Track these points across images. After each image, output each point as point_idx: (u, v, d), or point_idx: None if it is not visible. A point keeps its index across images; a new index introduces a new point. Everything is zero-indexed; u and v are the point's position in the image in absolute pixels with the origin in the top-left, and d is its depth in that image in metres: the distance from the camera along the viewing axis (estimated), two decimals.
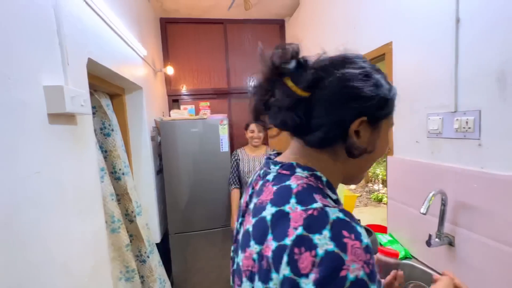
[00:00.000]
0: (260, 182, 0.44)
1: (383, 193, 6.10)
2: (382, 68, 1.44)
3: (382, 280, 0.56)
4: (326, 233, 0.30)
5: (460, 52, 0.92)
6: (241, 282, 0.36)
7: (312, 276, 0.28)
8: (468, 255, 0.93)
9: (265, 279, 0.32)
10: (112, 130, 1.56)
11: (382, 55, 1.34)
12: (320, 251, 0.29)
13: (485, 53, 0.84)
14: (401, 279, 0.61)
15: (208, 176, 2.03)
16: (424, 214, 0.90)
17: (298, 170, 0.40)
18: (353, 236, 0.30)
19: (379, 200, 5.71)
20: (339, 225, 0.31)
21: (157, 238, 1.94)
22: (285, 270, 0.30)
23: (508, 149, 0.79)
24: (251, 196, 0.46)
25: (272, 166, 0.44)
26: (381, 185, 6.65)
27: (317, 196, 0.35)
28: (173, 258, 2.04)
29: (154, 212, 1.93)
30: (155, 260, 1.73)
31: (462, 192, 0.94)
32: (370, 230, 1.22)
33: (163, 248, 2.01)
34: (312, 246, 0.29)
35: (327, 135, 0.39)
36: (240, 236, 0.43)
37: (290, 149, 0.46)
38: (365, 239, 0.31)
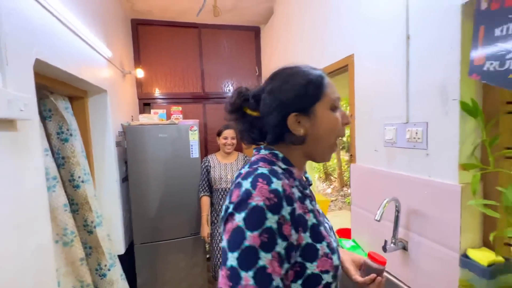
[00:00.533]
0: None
1: None
2: (345, 79, 1.51)
3: (359, 278, 0.61)
4: (250, 179, 0.46)
5: (411, 67, 0.98)
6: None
7: (232, 202, 0.46)
8: (419, 259, 0.98)
9: None
10: (71, 135, 1.46)
11: (345, 66, 1.39)
12: (242, 189, 0.46)
13: (431, 69, 0.90)
14: (380, 286, 0.62)
15: (177, 183, 1.97)
16: (378, 221, 0.94)
17: (262, 150, 0.58)
18: (265, 182, 0.45)
19: None
20: (259, 176, 0.47)
21: (121, 250, 1.84)
22: (226, 201, 0.48)
23: (449, 159, 0.85)
24: None
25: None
26: None
27: (261, 163, 0.52)
28: (138, 270, 1.94)
29: (118, 222, 1.82)
30: (117, 273, 1.63)
31: (413, 199, 0.99)
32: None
33: (128, 260, 1.91)
34: (240, 186, 0.46)
35: (274, 136, 0.55)
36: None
37: (266, 146, 0.61)
38: (275, 186, 0.45)
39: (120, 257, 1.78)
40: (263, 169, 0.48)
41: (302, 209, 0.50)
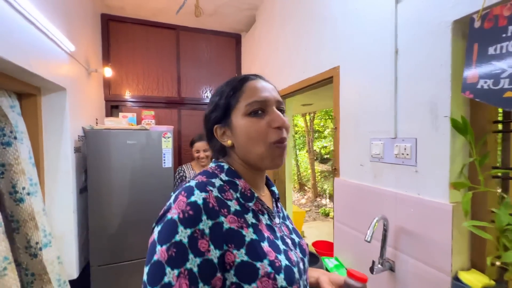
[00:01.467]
0: None
1: (330, 207, 6.46)
2: (329, 90, 1.48)
3: None
4: (176, 193, 0.46)
5: (399, 81, 0.97)
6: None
7: (158, 217, 0.45)
8: (407, 281, 0.93)
9: None
10: (15, 138, 1.23)
11: (330, 77, 1.36)
12: (167, 203, 0.46)
13: (420, 84, 0.89)
14: None
15: (146, 195, 1.76)
16: (369, 241, 0.88)
17: (211, 164, 0.58)
18: (185, 195, 0.44)
19: (326, 215, 6.02)
20: (184, 189, 0.46)
21: (74, 273, 1.57)
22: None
23: (438, 176, 0.83)
24: None
25: None
26: (328, 200, 7.05)
27: (199, 176, 0.51)
28: None
29: (71, 240, 1.57)
30: None
31: (401, 217, 0.95)
32: (317, 256, 1.17)
33: (82, 285, 1.64)
34: (168, 200, 0.46)
35: (214, 148, 0.58)
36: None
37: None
38: (195, 198, 0.43)
39: (72, 282, 1.52)
40: (192, 182, 0.48)
41: (236, 223, 0.46)
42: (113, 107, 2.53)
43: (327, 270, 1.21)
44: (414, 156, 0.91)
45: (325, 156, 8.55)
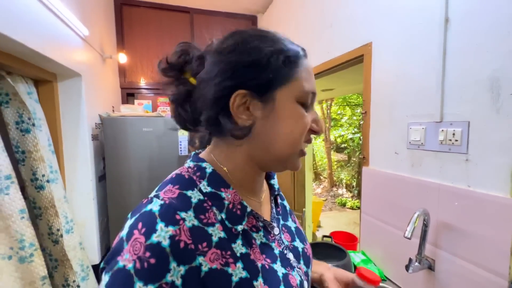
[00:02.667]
0: None
1: (347, 197, 6.33)
2: (359, 71, 1.35)
3: None
4: (131, 220, 0.32)
5: (448, 56, 0.83)
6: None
7: (109, 253, 0.32)
8: (449, 281, 0.84)
9: None
10: (33, 125, 1.22)
11: (360, 56, 1.23)
12: (121, 234, 0.32)
13: (476, 58, 0.75)
14: None
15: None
16: (409, 238, 0.78)
17: (188, 160, 0.42)
18: (144, 230, 0.30)
19: (343, 205, 5.90)
20: (143, 216, 0.32)
21: (96, 259, 1.60)
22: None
23: (499, 166, 0.71)
24: None
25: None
26: (344, 190, 6.90)
27: (169, 186, 0.36)
28: None
29: (92, 227, 1.58)
30: (89, 287, 1.41)
31: (445, 211, 0.84)
32: (345, 250, 1.09)
33: None
34: (123, 228, 0.32)
35: (208, 120, 0.38)
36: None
37: (214, 140, 0.44)
38: (157, 239, 0.30)
39: (95, 267, 1.55)
40: (156, 203, 0.33)
41: (220, 260, 0.33)
42: (129, 94, 2.51)
43: (354, 266, 1.13)
44: (466, 142, 0.78)
45: (342, 145, 8.32)
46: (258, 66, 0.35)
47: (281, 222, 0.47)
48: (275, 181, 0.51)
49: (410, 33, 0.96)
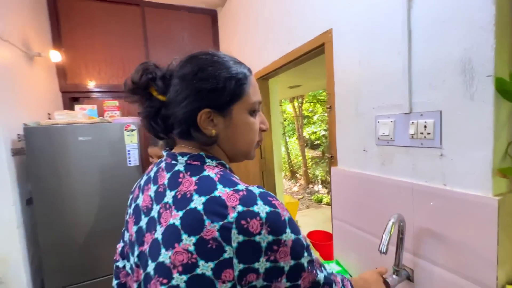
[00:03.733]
0: (167, 175, 0.47)
1: (323, 193, 6.38)
2: (321, 61, 1.24)
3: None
4: (260, 203, 0.40)
5: (414, 37, 0.73)
6: (170, 278, 0.37)
7: (264, 231, 0.38)
8: None
9: (217, 256, 0.36)
10: None
11: (321, 46, 1.11)
12: (262, 214, 0.38)
13: (446, 37, 0.65)
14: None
15: (110, 201, 1.49)
16: (384, 253, 0.66)
17: (207, 160, 0.47)
18: (274, 198, 0.41)
19: (320, 201, 5.92)
20: (264, 195, 0.41)
21: None
22: (238, 238, 0.37)
23: (477, 161, 0.61)
24: (158, 192, 0.47)
25: (179, 157, 0.47)
26: (320, 186, 6.96)
27: (234, 179, 0.44)
28: None
29: (19, 263, 1.29)
30: None
31: (421, 215, 0.74)
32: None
33: None
34: (255, 215, 0.38)
35: (181, 130, 0.47)
36: (159, 234, 0.42)
37: (179, 142, 0.51)
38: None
39: None
40: (255, 188, 0.42)
41: None
42: (74, 99, 2.19)
43: None
44: (438, 135, 0.68)
45: (316, 142, 8.43)
46: (217, 91, 0.45)
47: None
48: None
49: (371, 15, 0.86)
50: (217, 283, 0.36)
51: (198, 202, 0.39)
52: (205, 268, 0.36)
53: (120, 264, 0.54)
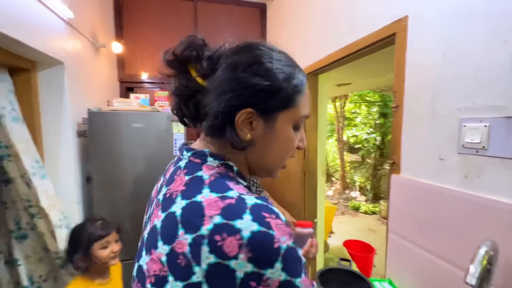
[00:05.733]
0: (172, 169, 0.43)
1: (360, 201, 6.00)
2: (383, 56, 1.10)
3: (300, 250, 0.44)
4: (247, 217, 0.31)
5: None
6: (144, 287, 0.34)
7: (242, 256, 0.29)
8: None
9: (185, 276, 0.30)
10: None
11: (391, 36, 0.98)
12: (245, 233, 0.29)
13: None
14: (316, 247, 0.69)
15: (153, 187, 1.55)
16: (472, 286, 0.54)
17: (209, 159, 0.41)
18: (273, 216, 0.32)
19: (356, 209, 5.58)
20: (258, 208, 0.32)
21: None
22: (209, 258, 0.29)
23: None
24: (161, 186, 0.43)
25: (185, 152, 0.43)
26: (358, 193, 6.56)
27: (230, 184, 0.36)
28: None
29: None
30: None
31: None
32: (368, 281, 0.85)
33: None
34: (234, 231, 0.29)
35: (213, 125, 0.40)
36: (146, 233, 0.39)
37: (203, 135, 0.45)
38: (283, 217, 0.33)
39: None
40: (252, 198, 0.33)
41: None
42: (129, 89, 2.35)
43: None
44: None
45: (355, 146, 7.95)
46: (269, 92, 0.38)
47: None
48: None
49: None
50: None
51: (178, 206, 0.34)
52: (174, 286, 0.30)
53: None
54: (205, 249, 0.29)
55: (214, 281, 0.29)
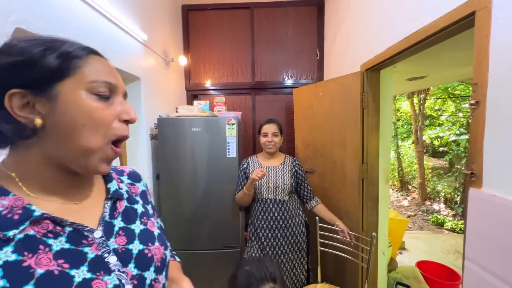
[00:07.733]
0: None
1: (445, 215, 5.01)
2: (460, 41, 0.89)
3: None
4: None
5: None
6: None
7: None
8: None
9: None
10: None
11: (469, 16, 0.79)
12: None
13: None
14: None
15: (210, 186, 1.67)
16: None
17: None
18: None
19: (440, 224, 4.69)
20: None
21: None
22: None
23: None
24: None
25: None
26: (442, 205, 5.51)
27: None
28: None
29: None
30: None
31: None
32: None
33: None
34: None
35: None
36: None
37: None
38: None
39: None
40: None
41: None
42: (194, 96, 2.63)
43: None
44: None
45: (440, 149, 6.72)
46: (26, 64, 0.35)
47: (120, 225, 0.46)
48: (112, 184, 0.49)
49: None
50: None
51: None
52: None
53: None
54: None
55: None
